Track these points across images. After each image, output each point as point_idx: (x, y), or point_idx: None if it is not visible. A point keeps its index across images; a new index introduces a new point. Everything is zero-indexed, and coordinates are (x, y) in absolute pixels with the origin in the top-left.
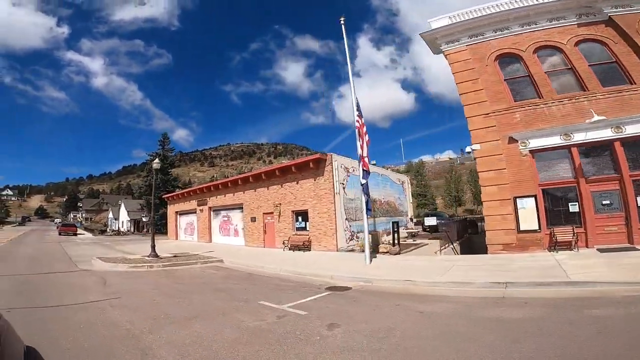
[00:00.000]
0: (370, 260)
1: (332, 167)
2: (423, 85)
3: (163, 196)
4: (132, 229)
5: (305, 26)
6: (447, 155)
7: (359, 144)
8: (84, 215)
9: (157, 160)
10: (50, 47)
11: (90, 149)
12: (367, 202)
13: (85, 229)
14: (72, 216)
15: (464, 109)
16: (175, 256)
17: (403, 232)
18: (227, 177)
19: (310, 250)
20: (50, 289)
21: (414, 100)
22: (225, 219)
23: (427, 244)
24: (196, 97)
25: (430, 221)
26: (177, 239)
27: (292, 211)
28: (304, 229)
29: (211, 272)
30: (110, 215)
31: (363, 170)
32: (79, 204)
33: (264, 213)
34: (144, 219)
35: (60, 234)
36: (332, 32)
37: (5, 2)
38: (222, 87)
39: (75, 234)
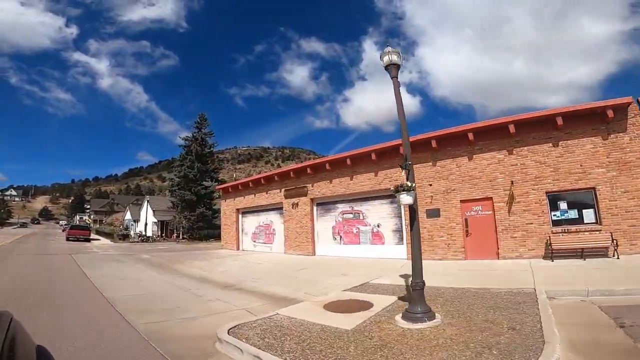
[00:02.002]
0: None
1: None
2: (428, 89)
3: (217, 187)
4: (159, 233)
5: (311, 28)
6: None
7: None
8: (92, 216)
9: None
10: (58, 47)
11: (95, 152)
12: None
13: (98, 232)
14: (78, 218)
15: None
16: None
17: None
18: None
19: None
20: None
21: (419, 104)
22: (349, 216)
23: None
24: (202, 99)
25: None
26: (238, 249)
27: (546, 192)
28: (579, 221)
29: None
30: (128, 216)
31: None
32: (85, 205)
33: (462, 201)
34: (185, 220)
35: (68, 239)
36: (337, 34)
37: (15, 2)
38: (228, 90)
39: (89, 240)
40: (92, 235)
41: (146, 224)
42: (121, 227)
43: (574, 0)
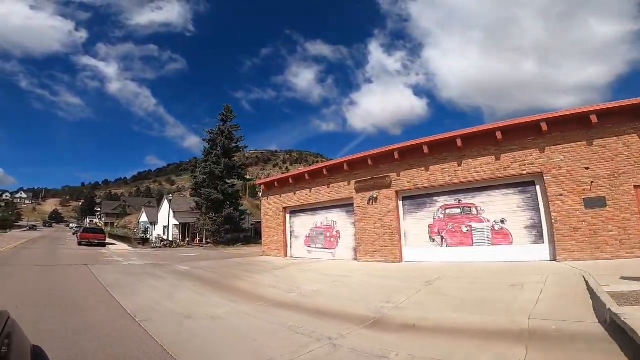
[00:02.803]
0: None
1: None
2: (435, 91)
3: (259, 182)
4: (181, 237)
5: (316, 31)
6: None
7: None
8: (103, 219)
9: None
10: (68, 51)
11: (104, 155)
12: None
13: (112, 236)
14: (88, 220)
15: None
16: None
17: None
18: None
19: None
20: None
21: (426, 106)
22: (455, 211)
23: None
24: (208, 103)
25: None
26: (286, 255)
27: None
28: None
29: None
30: (144, 218)
31: None
32: (96, 208)
33: (638, 187)
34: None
35: (80, 244)
36: (343, 36)
37: (25, 6)
38: (234, 94)
39: (104, 244)
40: (107, 239)
41: (165, 227)
42: (136, 230)
43: (581, 0)
